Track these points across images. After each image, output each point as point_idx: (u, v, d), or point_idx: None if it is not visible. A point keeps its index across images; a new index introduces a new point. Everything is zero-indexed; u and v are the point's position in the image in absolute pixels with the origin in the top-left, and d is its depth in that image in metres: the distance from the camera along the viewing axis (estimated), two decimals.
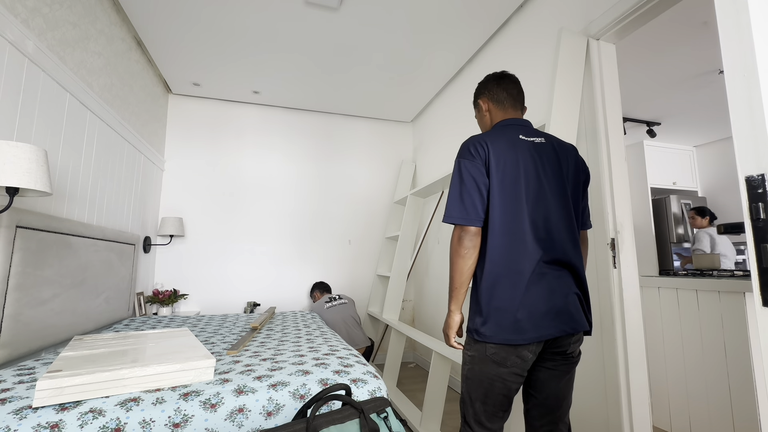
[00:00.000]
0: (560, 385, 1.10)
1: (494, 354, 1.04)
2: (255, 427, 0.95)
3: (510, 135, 1.15)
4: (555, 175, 1.13)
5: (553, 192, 1.11)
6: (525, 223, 1.06)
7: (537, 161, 1.12)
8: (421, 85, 3.18)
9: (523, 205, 1.07)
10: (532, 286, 1.03)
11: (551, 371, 1.10)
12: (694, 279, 2.00)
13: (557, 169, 1.14)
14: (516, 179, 1.08)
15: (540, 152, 1.14)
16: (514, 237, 1.05)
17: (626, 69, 2.69)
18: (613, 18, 1.59)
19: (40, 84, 1.56)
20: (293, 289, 3.47)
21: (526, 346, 1.02)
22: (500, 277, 1.04)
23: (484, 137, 1.13)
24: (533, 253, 1.05)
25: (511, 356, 1.03)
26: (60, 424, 0.81)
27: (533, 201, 1.08)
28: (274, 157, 3.56)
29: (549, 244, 1.06)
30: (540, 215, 1.08)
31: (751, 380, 1.71)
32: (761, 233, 0.56)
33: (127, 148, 2.46)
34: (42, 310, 1.46)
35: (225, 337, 1.74)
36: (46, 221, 1.49)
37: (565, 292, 1.06)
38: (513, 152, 1.11)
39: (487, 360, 1.05)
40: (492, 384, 1.06)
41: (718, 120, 3.63)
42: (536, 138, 1.16)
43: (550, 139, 1.19)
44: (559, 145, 1.19)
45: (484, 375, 1.06)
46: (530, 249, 1.05)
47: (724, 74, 0.75)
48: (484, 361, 1.06)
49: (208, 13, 2.26)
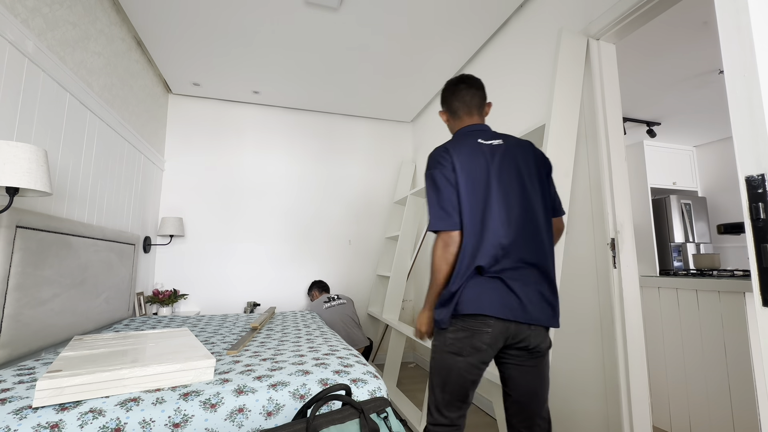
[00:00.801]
0: (529, 380, 1.13)
1: (452, 345, 1.10)
2: (255, 427, 0.95)
3: (470, 141, 1.21)
4: (516, 176, 1.17)
5: (515, 192, 1.15)
6: (489, 224, 1.12)
7: (497, 164, 1.17)
8: (421, 85, 3.18)
9: (486, 208, 1.13)
10: (493, 283, 1.09)
11: (519, 367, 1.13)
12: (694, 279, 2.00)
13: (517, 169, 1.18)
14: (479, 184, 1.15)
15: (499, 155, 1.18)
16: (480, 238, 1.11)
17: (626, 69, 2.69)
18: (613, 18, 1.59)
19: (40, 84, 1.56)
20: (293, 289, 3.47)
21: (480, 336, 1.07)
22: (466, 276, 1.10)
23: (447, 147, 1.20)
24: (496, 253, 1.10)
25: (467, 347, 1.08)
26: (60, 424, 0.81)
27: (496, 203, 1.13)
28: (274, 157, 3.56)
29: (512, 244, 1.11)
30: (503, 216, 1.13)
31: (751, 380, 1.71)
32: (761, 233, 0.56)
33: (127, 148, 2.46)
34: (42, 310, 1.46)
35: (225, 337, 1.74)
36: (46, 221, 1.49)
37: (524, 290, 1.09)
38: (475, 158, 1.17)
39: (445, 350, 1.12)
40: (449, 373, 1.11)
41: (718, 120, 3.63)
42: (494, 141, 1.21)
43: (507, 139, 1.23)
44: (516, 144, 1.23)
45: (443, 364, 1.13)
46: (494, 249, 1.10)
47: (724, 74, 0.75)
48: (443, 351, 1.13)
49: (208, 13, 2.26)
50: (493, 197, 1.13)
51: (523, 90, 2.17)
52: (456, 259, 1.13)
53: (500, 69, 2.42)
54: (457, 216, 1.14)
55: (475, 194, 1.14)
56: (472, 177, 1.15)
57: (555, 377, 1.85)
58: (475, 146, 1.20)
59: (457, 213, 1.14)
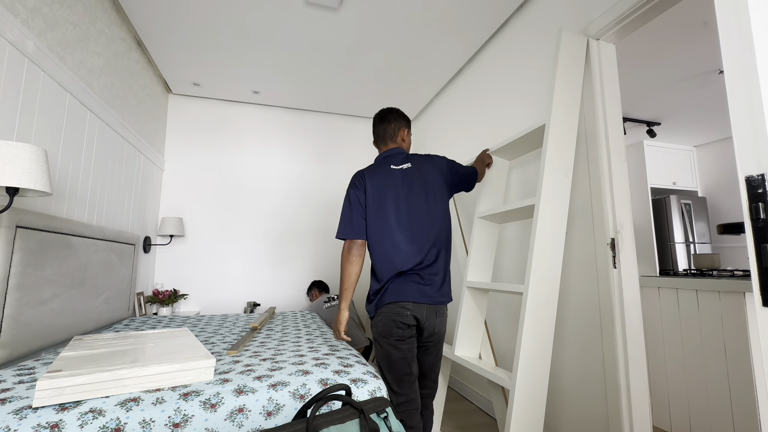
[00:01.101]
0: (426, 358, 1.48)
1: (383, 330, 1.39)
2: (255, 427, 0.95)
3: (384, 168, 1.51)
4: (419, 193, 1.46)
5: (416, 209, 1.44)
6: (389, 236, 1.42)
7: (405, 187, 1.46)
8: (421, 85, 3.18)
9: (387, 223, 1.43)
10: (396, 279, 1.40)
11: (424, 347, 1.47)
12: (694, 279, 2.00)
13: (422, 187, 1.47)
14: (385, 204, 1.44)
15: (408, 178, 1.48)
16: (384, 247, 1.42)
17: (626, 69, 2.69)
18: (613, 18, 1.59)
19: (40, 84, 1.56)
20: (293, 289, 3.47)
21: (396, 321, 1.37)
22: (379, 275, 1.42)
23: (364, 173, 1.51)
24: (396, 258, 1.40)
25: (393, 329, 1.38)
26: (60, 424, 0.81)
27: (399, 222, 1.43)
28: (274, 157, 3.56)
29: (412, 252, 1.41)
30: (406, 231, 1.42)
31: (751, 380, 1.71)
32: (761, 233, 0.56)
33: (127, 148, 2.46)
34: (42, 310, 1.46)
35: (225, 337, 1.74)
36: (46, 221, 1.49)
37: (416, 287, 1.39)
38: (385, 182, 1.47)
39: (379, 337, 1.41)
40: (389, 354, 1.39)
41: (718, 120, 3.63)
42: (404, 165, 1.51)
43: (415, 161, 1.52)
44: (423, 162, 1.52)
45: (382, 351, 1.40)
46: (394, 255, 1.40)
47: (724, 74, 0.75)
48: (378, 339, 1.41)
49: (208, 13, 2.26)
50: (398, 215, 1.43)
51: (523, 90, 2.17)
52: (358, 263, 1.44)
53: (500, 69, 2.42)
54: (361, 229, 1.45)
55: (381, 213, 1.44)
56: (381, 198, 1.45)
57: (555, 377, 1.85)
58: (387, 172, 1.50)
59: (362, 227, 1.45)
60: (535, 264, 1.54)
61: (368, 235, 1.45)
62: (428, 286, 1.41)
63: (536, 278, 1.53)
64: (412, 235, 1.42)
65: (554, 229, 1.59)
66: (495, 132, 2.44)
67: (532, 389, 1.47)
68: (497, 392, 1.91)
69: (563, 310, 1.81)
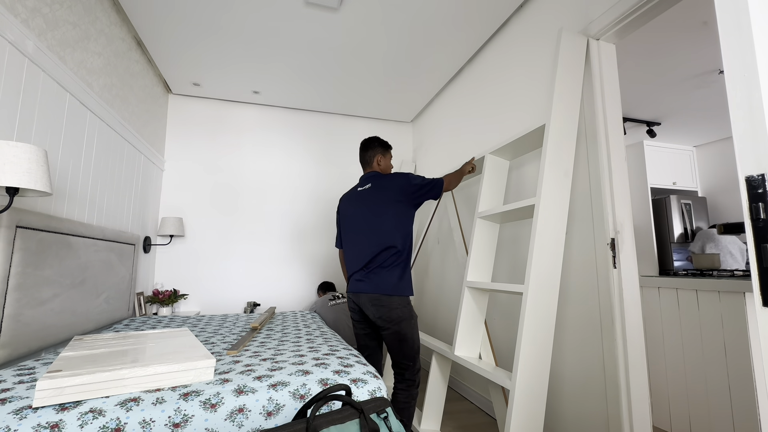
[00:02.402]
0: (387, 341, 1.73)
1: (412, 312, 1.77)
2: (255, 427, 0.95)
3: (352, 190, 1.93)
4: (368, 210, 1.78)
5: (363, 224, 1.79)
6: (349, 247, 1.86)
7: (361, 205, 1.82)
8: (421, 85, 3.18)
9: (348, 235, 1.87)
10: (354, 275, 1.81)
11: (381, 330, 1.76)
12: (694, 279, 2.00)
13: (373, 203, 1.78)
14: (347, 220, 1.89)
15: (363, 197, 1.83)
16: (347, 253, 1.87)
17: (626, 69, 2.69)
18: (613, 18, 1.59)
19: (40, 84, 1.56)
20: (293, 289, 3.47)
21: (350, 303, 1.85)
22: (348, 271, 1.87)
23: (343, 196, 1.99)
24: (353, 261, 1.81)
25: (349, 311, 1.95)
26: (60, 424, 0.81)
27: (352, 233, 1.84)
28: (274, 157, 3.56)
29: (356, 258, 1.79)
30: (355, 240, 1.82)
31: (751, 380, 1.71)
32: (761, 233, 0.56)
33: (127, 148, 2.46)
34: (42, 310, 1.46)
35: (225, 337, 1.74)
36: (46, 221, 1.49)
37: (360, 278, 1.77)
38: (348, 203, 1.91)
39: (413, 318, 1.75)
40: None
41: (718, 120, 3.63)
42: (366, 185, 1.84)
43: (375, 182, 1.82)
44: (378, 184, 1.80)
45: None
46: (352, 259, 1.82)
47: (724, 74, 0.75)
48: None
49: (208, 13, 2.26)
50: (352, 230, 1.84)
51: (523, 90, 2.17)
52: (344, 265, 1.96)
53: (500, 69, 2.42)
54: (339, 239, 1.98)
55: (345, 227, 1.90)
56: (344, 215, 1.93)
57: (555, 377, 1.85)
58: (353, 193, 1.90)
59: (339, 237, 1.98)
60: (535, 264, 1.54)
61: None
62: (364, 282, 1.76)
63: (536, 278, 1.53)
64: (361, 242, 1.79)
65: (554, 229, 1.59)
66: (495, 132, 2.44)
67: (532, 389, 1.47)
68: (497, 392, 1.91)
69: (563, 310, 1.81)
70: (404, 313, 1.67)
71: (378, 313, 1.68)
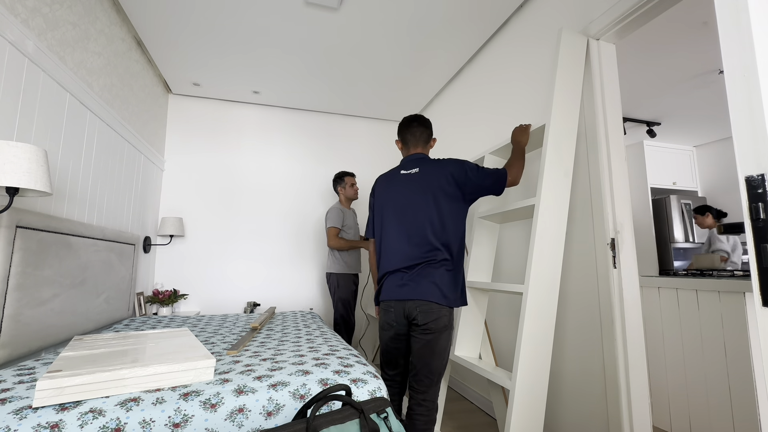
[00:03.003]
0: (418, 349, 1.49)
1: (379, 323, 1.60)
2: (255, 427, 0.95)
3: (394, 172, 1.65)
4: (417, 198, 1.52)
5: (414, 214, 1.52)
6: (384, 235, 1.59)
7: (405, 190, 1.56)
8: (421, 86, 3.18)
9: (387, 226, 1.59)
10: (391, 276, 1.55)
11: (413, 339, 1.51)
12: (694, 279, 2.00)
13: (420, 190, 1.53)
14: (385, 207, 1.61)
15: (410, 183, 1.56)
16: (381, 245, 1.61)
17: (626, 69, 2.69)
18: (613, 18, 1.59)
19: (40, 84, 1.55)
20: (293, 289, 3.47)
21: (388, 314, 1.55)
22: (381, 269, 1.59)
23: (380, 177, 1.70)
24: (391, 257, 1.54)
25: (384, 323, 1.57)
26: (60, 424, 0.81)
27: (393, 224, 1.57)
28: (274, 157, 3.56)
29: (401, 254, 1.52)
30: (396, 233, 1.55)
31: (751, 380, 1.71)
32: (761, 233, 0.56)
33: (127, 148, 2.46)
34: (42, 310, 1.46)
35: (225, 337, 1.74)
36: (46, 221, 1.49)
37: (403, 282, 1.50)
38: (388, 187, 1.63)
39: (379, 326, 1.61)
40: (380, 342, 1.61)
41: (718, 120, 3.63)
42: (413, 170, 1.58)
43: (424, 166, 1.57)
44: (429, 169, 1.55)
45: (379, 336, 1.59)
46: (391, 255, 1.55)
47: (724, 74, 0.75)
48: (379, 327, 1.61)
49: (208, 13, 2.26)
50: (390, 218, 1.58)
51: (523, 90, 2.17)
52: (375, 258, 1.69)
53: (500, 69, 2.42)
54: (371, 228, 1.70)
55: (381, 215, 1.63)
56: (381, 202, 1.64)
57: (555, 377, 1.85)
58: (392, 177, 1.63)
59: (372, 226, 1.70)
60: (535, 264, 1.54)
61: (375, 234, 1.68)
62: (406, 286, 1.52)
63: (536, 278, 1.53)
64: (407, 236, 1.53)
65: (554, 229, 1.59)
66: (495, 132, 2.43)
67: (532, 389, 1.47)
68: (497, 392, 1.91)
69: (563, 310, 1.81)
70: (449, 322, 1.48)
71: (425, 319, 1.45)
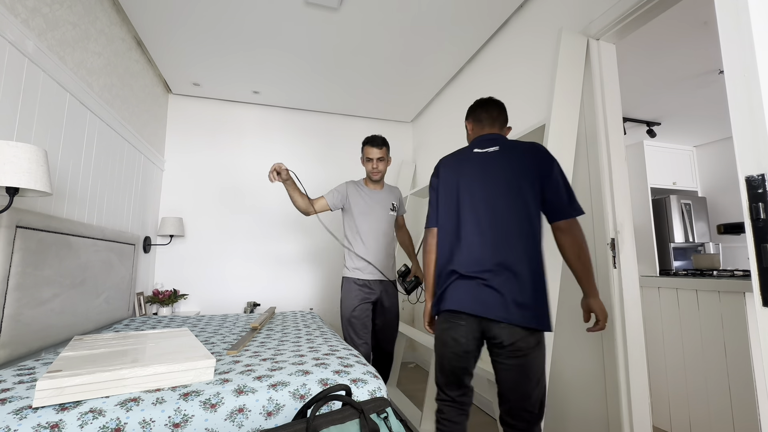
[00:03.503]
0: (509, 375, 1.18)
1: (439, 336, 1.26)
2: (255, 427, 0.95)
3: (464, 150, 1.36)
4: (499, 182, 1.24)
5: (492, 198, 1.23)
6: (460, 225, 1.25)
7: (488, 169, 1.26)
8: (421, 85, 3.18)
9: (460, 213, 1.26)
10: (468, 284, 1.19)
11: (499, 363, 1.19)
12: (694, 279, 2.00)
13: (503, 175, 1.24)
14: (454, 190, 1.29)
15: (493, 160, 1.27)
16: (455, 241, 1.25)
17: (626, 69, 2.69)
18: (613, 18, 1.59)
19: (40, 84, 1.55)
20: (293, 289, 3.47)
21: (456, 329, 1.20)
22: (442, 268, 1.27)
23: (445, 157, 1.40)
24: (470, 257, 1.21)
25: (449, 339, 1.22)
26: (60, 424, 0.81)
27: (470, 209, 1.25)
28: (274, 157, 3.56)
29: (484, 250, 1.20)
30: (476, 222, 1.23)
31: (751, 380, 1.71)
32: (761, 233, 0.56)
33: (127, 148, 2.46)
34: (42, 310, 1.46)
35: (225, 337, 1.74)
36: (46, 221, 1.49)
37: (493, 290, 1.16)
38: (458, 167, 1.32)
39: (437, 339, 1.28)
40: (442, 359, 1.27)
41: (718, 120, 3.62)
42: (490, 148, 1.29)
43: (505, 144, 1.30)
44: (511, 149, 1.28)
45: (437, 351, 1.29)
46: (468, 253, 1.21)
47: (724, 74, 0.75)
48: (437, 339, 1.29)
49: (208, 13, 2.26)
50: (468, 203, 1.25)
51: (523, 90, 2.17)
52: (434, 251, 1.32)
53: (500, 69, 2.42)
54: (434, 215, 1.34)
55: (449, 199, 1.30)
56: (449, 183, 1.31)
57: (555, 377, 1.85)
58: (463, 156, 1.34)
59: (435, 213, 1.34)
60: None
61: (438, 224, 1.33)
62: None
63: None
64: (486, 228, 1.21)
65: None
66: None
67: None
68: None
69: (563, 310, 1.81)
70: (540, 338, 1.17)
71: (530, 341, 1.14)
